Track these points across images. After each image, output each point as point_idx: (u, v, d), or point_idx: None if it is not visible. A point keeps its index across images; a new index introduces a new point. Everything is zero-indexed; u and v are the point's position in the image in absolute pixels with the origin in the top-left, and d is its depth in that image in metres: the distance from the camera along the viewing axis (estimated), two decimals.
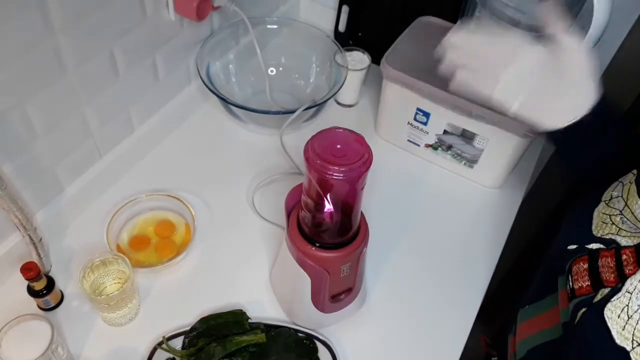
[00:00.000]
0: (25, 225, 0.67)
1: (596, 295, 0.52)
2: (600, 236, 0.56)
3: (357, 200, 0.61)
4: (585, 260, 0.56)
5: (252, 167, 0.93)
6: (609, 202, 0.58)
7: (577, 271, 0.56)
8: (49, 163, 0.75)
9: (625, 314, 0.48)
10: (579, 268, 0.56)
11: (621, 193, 0.57)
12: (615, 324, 0.49)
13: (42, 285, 0.69)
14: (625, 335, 0.48)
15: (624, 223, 0.55)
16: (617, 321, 0.49)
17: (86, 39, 0.70)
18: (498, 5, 0.74)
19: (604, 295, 0.51)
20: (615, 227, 0.55)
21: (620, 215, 0.55)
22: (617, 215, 0.56)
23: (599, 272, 0.53)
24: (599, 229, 0.57)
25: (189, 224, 0.82)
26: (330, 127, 0.58)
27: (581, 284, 0.55)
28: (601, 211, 0.58)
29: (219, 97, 0.89)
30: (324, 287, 0.67)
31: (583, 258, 0.56)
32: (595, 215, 0.58)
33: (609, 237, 0.55)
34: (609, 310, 0.49)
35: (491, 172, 0.92)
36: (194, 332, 0.70)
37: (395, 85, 0.89)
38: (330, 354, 0.70)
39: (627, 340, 0.47)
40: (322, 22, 1.14)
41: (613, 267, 0.52)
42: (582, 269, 0.55)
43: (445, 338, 0.75)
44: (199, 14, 0.82)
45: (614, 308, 0.49)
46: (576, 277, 0.56)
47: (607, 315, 0.49)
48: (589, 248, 0.56)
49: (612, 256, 0.53)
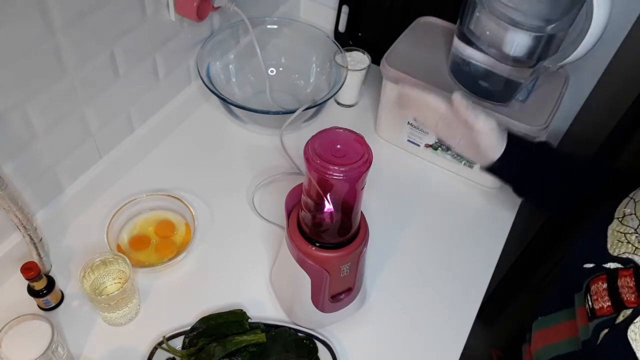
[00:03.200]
0: (26, 225, 0.67)
1: (618, 316, 0.52)
2: (617, 255, 0.56)
3: (357, 200, 0.61)
4: (603, 280, 0.56)
5: (252, 167, 0.93)
6: (622, 220, 0.59)
7: (597, 291, 0.57)
8: (49, 163, 0.75)
9: None
10: (597, 288, 0.56)
11: (634, 211, 0.58)
12: (639, 344, 0.49)
13: (42, 285, 0.69)
14: None
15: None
16: None
17: (86, 39, 0.70)
18: (498, 6, 0.74)
19: (626, 317, 0.51)
20: (631, 246, 0.56)
21: (636, 233, 0.56)
22: (632, 233, 0.56)
23: (618, 292, 0.54)
24: (615, 247, 0.57)
25: (189, 224, 0.82)
26: (330, 127, 0.58)
27: (602, 304, 0.55)
28: (615, 229, 0.59)
29: (219, 97, 0.89)
30: (324, 287, 0.67)
31: (601, 277, 0.56)
32: (610, 234, 0.59)
33: (626, 257, 0.55)
34: (632, 332, 0.50)
35: None
36: (194, 332, 0.70)
37: (395, 85, 0.89)
38: (330, 354, 0.70)
39: None
40: (322, 22, 1.14)
41: (633, 288, 0.53)
42: (601, 288, 0.56)
43: (445, 338, 0.75)
44: (199, 14, 0.83)
45: (637, 329, 0.50)
46: (596, 297, 0.56)
47: (630, 337, 0.50)
48: (607, 267, 0.56)
49: (630, 276, 0.54)
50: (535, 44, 0.75)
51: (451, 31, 0.91)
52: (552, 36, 0.74)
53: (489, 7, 0.75)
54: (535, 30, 0.73)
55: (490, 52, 0.79)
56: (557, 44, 0.76)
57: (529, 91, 0.84)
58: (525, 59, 0.77)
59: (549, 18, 0.73)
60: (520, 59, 0.77)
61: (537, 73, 0.79)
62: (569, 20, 0.73)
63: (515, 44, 0.76)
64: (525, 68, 0.79)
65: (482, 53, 0.80)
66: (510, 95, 0.83)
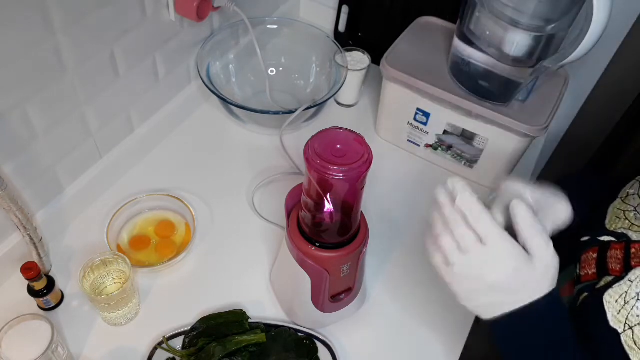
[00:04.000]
0: (26, 225, 0.67)
1: (599, 282, 0.54)
2: (612, 230, 0.58)
3: (357, 200, 0.61)
4: (595, 251, 0.57)
5: (252, 167, 0.93)
6: (625, 199, 0.60)
7: (586, 259, 0.58)
8: (49, 163, 0.75)
9: (623, 299, 0.50)
10: (587, 257, 0.58)
11: (637, 191, 0.59)
12: (611, 307, 0.51)
13: (42, 285, 0.69)
14: (619, 318, 0.50)
15: (637, 219, 0.56)
16: (614, 305, 0.51)
17: (86, 39, 0.70)
18: (498, 6, 0.74)
19: (607, 283, 0.53)
20: (628, 222, 0.57)
21: (635, 211, 0.57)
22: (631, 211, 0.57)
23: (606, 262, 0.55)
24: (612, 223, 0.58)
25: (189, 224, 0.82)
26: (330, 127, 0.58)
27: (587, 271, 0.57)
28: (616, 207, 0.60)
29: (219, 97, 0.89)
30: (324, 287, 0.67)
31: (593, 249, 0.58)
32: (610, 210, 0.60)
33: (621, 231, 0.56)
34: (608, 295, 0.51)
35: (491, 172, 0.92)
36: (194, 332, 0.70)
37: (395, 85, 0.89)
38: (330, 354, 0.70)
39: (620, 323, 0.50)
40: (322, 22, 1.14)
41: (621, 259, 0.54)
42: (590, 258, 0.57)
43: (445, 338, 0.75)
44: (199, 14, 0.83)
45: (614, 293, 0.51)
46: (584, 265, 0.58)
47: (605, 300, 0.51)
48: (601, 240, 0.58)
49: (621, 249, 0.54)
50: (535, 44, 0.75)
51: (451, 31, 0.91)
52: (552, 36, 0.74)
53: (489, 7, 0.75)
54: (535, 30, 0.73)
55: (490, 52, 0.79)
56: (557, 44, 0.76)
57: (529, 91, 0.84)
58: (525, 59, 0.77)
59: (549, 18, 0.73)
60: (520, 59, 0.77)
61: (537, 73, 0.79)
62: (569, 20, 0.73)
63: (515, 44, 0.76)
64: (525, 68, 0.79)
65: (482, 53, 0.80)
66: (510, 95, 0.83)
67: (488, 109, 0.82)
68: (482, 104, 0.83)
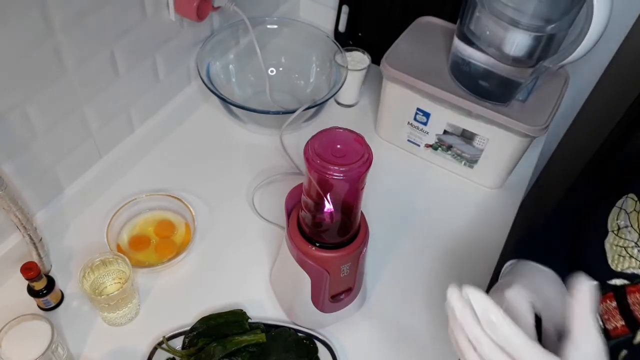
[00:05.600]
0: (25, 225, 0.67)
1: (635, 336, 0.52)
2: (620, 271, 0.55)
3: (357, 200, 0.61)
4: (611, 298, 0.55)
5: (252, 167, 0.93)
6: (618, 233, 0.57)
7: (607, 310, 0.55)
8: (49, 163, 0.75)
9: None
10: (607, 307, 0.55)
11: (629, 222, 0.56)
12: None
13: (42, 285, 0.69)
14: None
15: None
16: None
17: (86, 39, 0.70)
18: (498, 6, 0.74)
19: None
20: (635, 260, 0.55)
21: (637, 247, 0.55)
22: (633, 247, 0.55)
23: (630, 310, 0.53)
24: (617, 263, 0.56)
25: (189, 224, 0.82)
26: (330, 127, 0.58)
27: (614, 324, 0.54)
28: (613, 243, 0.57)
29: (219, 97, 0.89)
30: (324, 287, 0.67)
31: (608, 295, 0.55)
32: (608, 248, 0.57)
33: (631, 272, 0.54)
34: None
35: (491, 172, 0.92)
36: (194, 332, 0.70)
37: (395, 85, 0.89)
38: (330, 354, 0.70)
39: None
40: (322, 22, 1.14)
41: None
42: (611, 307, 0.55)
43: (446, 338, 0.75)
44: (199, 14, 0.83)
45: None
46: (607, 317, 0.55)
47: None
48: (612, 284, 0.55)
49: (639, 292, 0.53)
50: (535, 44, 0.75)
51: (451, 31, 0.91)
52: (552, 36, 0.74)
53: (489, 7, 0.75)
54: (535, 30, 0.73)
55: (490, 52, 0.79)
56: (557, 44, 0.76)
57: (529, 91, 0.84)
58: (525, 59, 0.77)
59: (549, 18, 0.73)
60: (520, 59, 0.77)
61: (537, 73, 0.79)
62: (569, 20, 0.73)
63: (515, 44, 0.76)
64: (525, 68, 0.79)
65: (482, 53, 0.80)
66: (510, 95, 0.83)
67: (488, 109, 0.82)
68: (482, 103, 0.83)
